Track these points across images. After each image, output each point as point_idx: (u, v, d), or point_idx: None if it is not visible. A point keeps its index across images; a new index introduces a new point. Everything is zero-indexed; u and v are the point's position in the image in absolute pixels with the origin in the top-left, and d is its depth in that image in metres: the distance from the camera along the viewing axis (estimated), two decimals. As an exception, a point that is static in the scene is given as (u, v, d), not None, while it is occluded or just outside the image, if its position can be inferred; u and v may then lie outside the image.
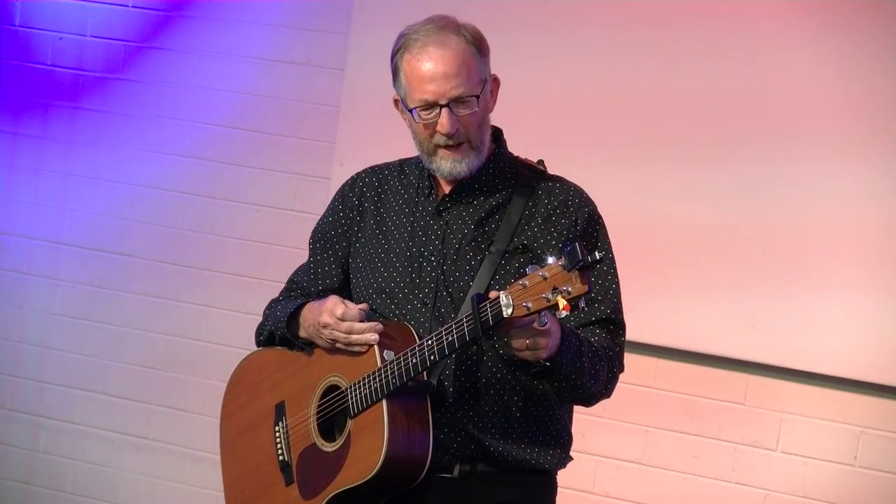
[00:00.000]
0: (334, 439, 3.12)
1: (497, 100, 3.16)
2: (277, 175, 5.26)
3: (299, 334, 3.21)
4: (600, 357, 3.05)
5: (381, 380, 3.01)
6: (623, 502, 4.84)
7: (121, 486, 5.50)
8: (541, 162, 3.22)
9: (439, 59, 3.05)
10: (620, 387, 3.17)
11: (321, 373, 3.16)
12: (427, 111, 3.08)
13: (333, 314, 3.07)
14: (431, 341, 2.95)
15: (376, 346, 3.04)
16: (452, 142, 3.08)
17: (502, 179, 3.17)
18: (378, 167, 3.33)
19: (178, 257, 5.40)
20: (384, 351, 3.02)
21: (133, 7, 5.42)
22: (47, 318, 5.56)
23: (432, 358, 2.95)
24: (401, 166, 3.29)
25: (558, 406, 3.14)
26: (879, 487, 4.59)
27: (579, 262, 2.73)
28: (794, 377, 4.63)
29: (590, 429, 4.65)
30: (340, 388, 3.11)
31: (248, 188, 5.30)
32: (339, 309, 3.07)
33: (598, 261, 2.76)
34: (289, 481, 3.20)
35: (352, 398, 3.06)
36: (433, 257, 3.14)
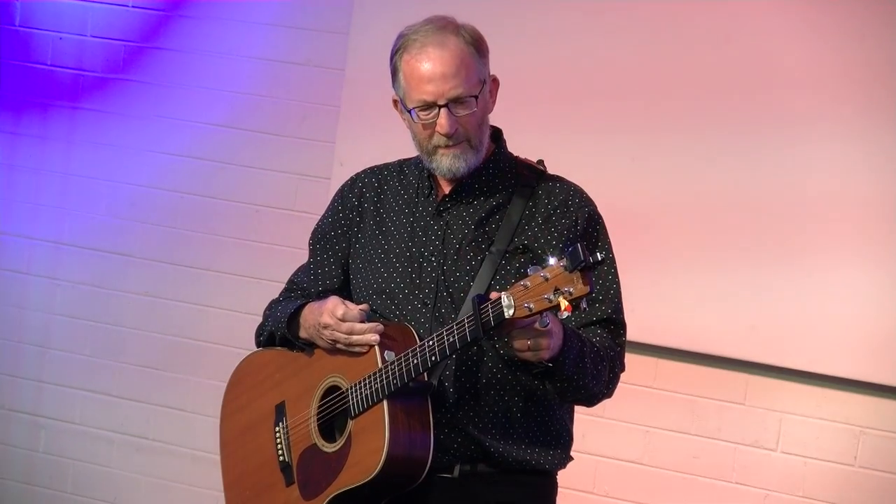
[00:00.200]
0: (335, 440, 3.12)
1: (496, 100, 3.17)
2: (277, 175, 5.26)
3: (300, 335, 3.21)
4: (602, 357, 3.05)
5: (382, 380, 3.01)
6: (623, 502, 4.84)
7: (121, 486, 5.50)
8: (540, 162, 3.23)
9: (438, 60, 3.05)
10: (621, 387, 3.17)
11: (322, 373, 3.16)
12: (426, 111, 3.08)
13: (334, 315, 3.07)
14: (432, 342, 2.95)
15: (377, 347, 3.04)
16: (451, 142, 3.09)
17: (502, 179, 3.17)
18: (377, 167, 3.33)
19: (178, 257, 5.40)
20: (385, 351, 3.02)
21: (133, 7, 5.42)
22: (47, 318, 5.56)
23: (433, 358, 2.95)
24: (400, 167, 3.29)
25: (559, 406, 3.14)
26: (879, 487, 4.59)
27: (581, 262, 2.73)
28: (794, 377, 4.63)
29: (590, 429, 4.65)
30: (341, 389, 3.10)
31: (248, 188, 5.30)
32: (340, 309, 3.07)
33: (599, 262, 2.76)
34: (289, 482, 3.20)
35: (352, 399, 3.06)
36: (433, 257, 3.14)
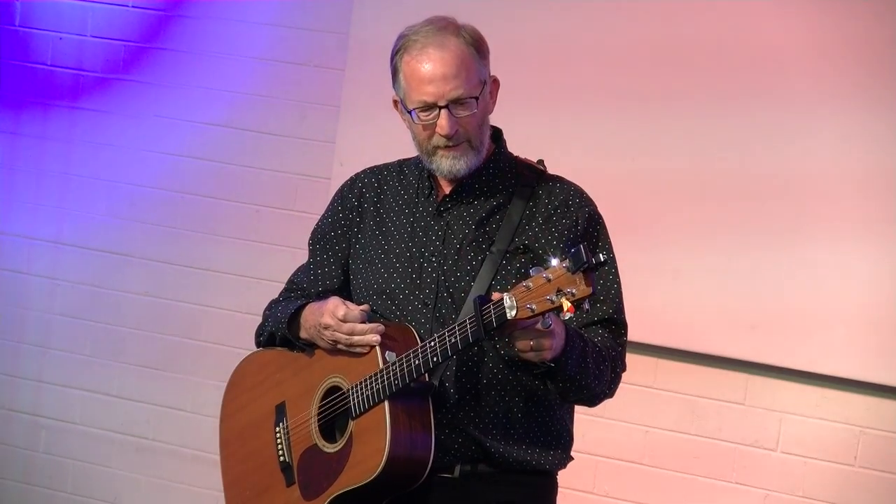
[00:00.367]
0: (335, 440, 3.12)
1: (497, 101, 3.17)
2: (277, 175, 5.26)
3: (300, 335, 3.21)
4: (604, 357, 3.05)
5: (384, 381, 3.01)
6: (623, 502, 4.84)
7: (121, 486, 5.50)
8: (541, 162, 3.23)
9: (438, 61, 3.05)
10: (621, 386, 3.16)
11: (322, 374, 3.16)
12: (426, 112, 3.08)
13: (335, 315, 3.07)
14: (434, 343, 2.95)
15: (378, 348, 3.03)
16: (452, 143, 3.09)
17: (502, 179, 3.17)
18: (377, 168, 3.33)
19: (178, 257, 5.40)
20: (386, 352, 3.02)
21: (133, 7, 5.42)
22: (47, 318, 5.56)
23: (435, 359, 2.95)
24: (400, 167, 3.29)
25: (559, 407, 3.14)
26: (879, 487, 4.59)
27: (584, 264, 2.73)
28: (794, 377, 4.63)
29: (590, 429, 4.65)
30: (342, 390, 3.10)
31: (248, 188, 5.30)
32: (341, 310, 3.07)
33: (602, 263, 2.76)
34: (290, 482, 3.20)
35: (353, 399, 3.06)
36: (434, 258, 3.14)
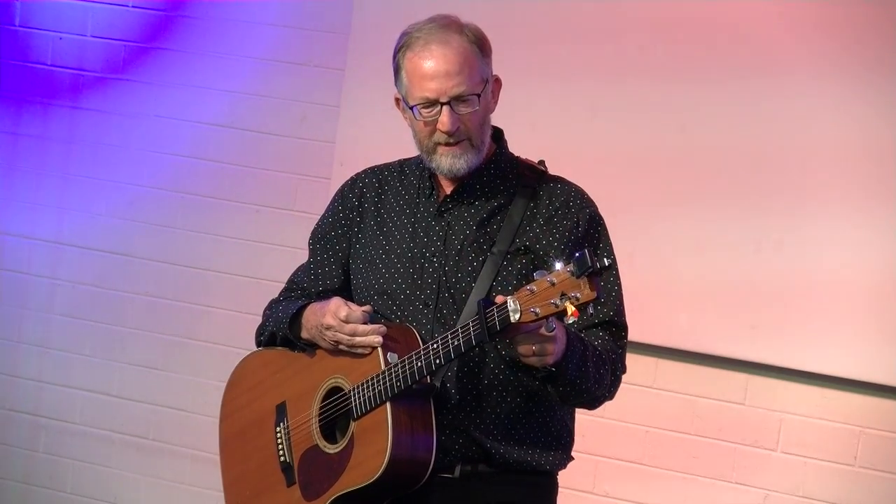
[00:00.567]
0: (336, 441, 3.12)
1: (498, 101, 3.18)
2: (277, 175, 5.26)
3: (301, 335, 3.21)
4: (604, 360, 3.05)
5: (386, 382, 3.00)
6: (623, 502, 4.84)
7: (121, 486, 5.50)
8: (542, 162, 3.22)
9: (441, 58, 3.06)
10: (621, 387, 3.16)
11: (323, 374, 3.16)
12: (428, 109, 3.08)
13: (337, 316, 3.07)
14: (437, 345, 2.95)
15: (380, 349, 3.03)
16: (453, 140, 3.08)
17: (504, 180, 3.17)
18: (378, 167, 3.33)
19: (178, 257, 5.40)
20: (388, 353, 3.02)
21: (133, 7, 5.42)
22: (47, 318, 5.56)
23: (437, 362, 2.95)
24: (401, 167, 3.29)
25: (560, 407, 3.14)
26: (879, 487, 4.59)
27: (588, 268, 2.73)
28: (794, 377, 4.63)
29: (590, 429, 4.64)
30: (343, 390, 3.10)
31: (248, 188, 5.30)
32: (343, 311, 3.06)
33: (607, 267, 2.76)
34: (290, 482, 3.19)
35: (355, 400, 3.06)
36: (435, 258, 3.14)
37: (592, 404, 3.11)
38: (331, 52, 5.15)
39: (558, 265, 2.79)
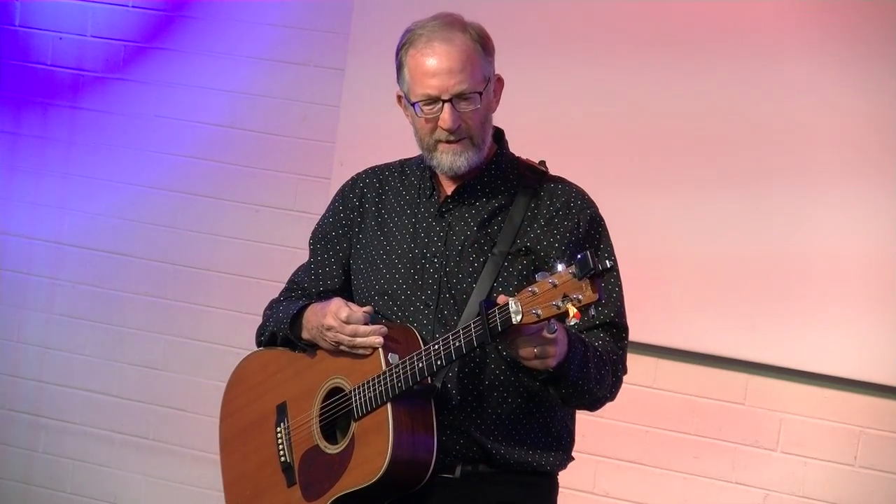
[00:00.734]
0: (336, 441, 3.12)
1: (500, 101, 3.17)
2: (277, 175, 5.26)
3: (302, 336, 3.21)
4: (605, 362, 3.05)
5: (387, 383, 3.00)
6: (623, 502, 4.84)
7: (121, 486, 5.50)
8: (542, 163, 3.22)
9: (444, 55, 3.06)
10: (621, 387, 3.17)
11: (324, 374, 3.16)
12: (430, 106, 3.07)
13: (338, 317, 3.07)
14: (438, 346, 2.95)
15: (381, 350, 3.03)
16: (453, 137, 3.08)
17: (504, 181, 3.17)
18: (379, 168, 3.33)
19: (178, 257, 5.40)
20: (389, 354, 3.02)
21: (133, 7, 5.42)
22: (47, 318, 5.56)
23: (439, 363, 2.95)
24: (402, 167, 3.29)
25: (561, 408, 3.14)
26: (879, 487, 4.59)
27: (591, 270, 2.72)
28: (794, 377, 4.63)
29: (590, 429, 4.63)
30: (344, 391, 3.10)
31: (248, 188, 5.30)
32: (344, 312, 3.06)
33: (609, 269, 2.76)
34: (290, 482, 3.19)
35: (356, 401, 3.06)
36: (435, 259, 3.14)
37: (594, 406, 3.11)
38: (331, 52, 5.15)
39: (560, 267, 2.78)
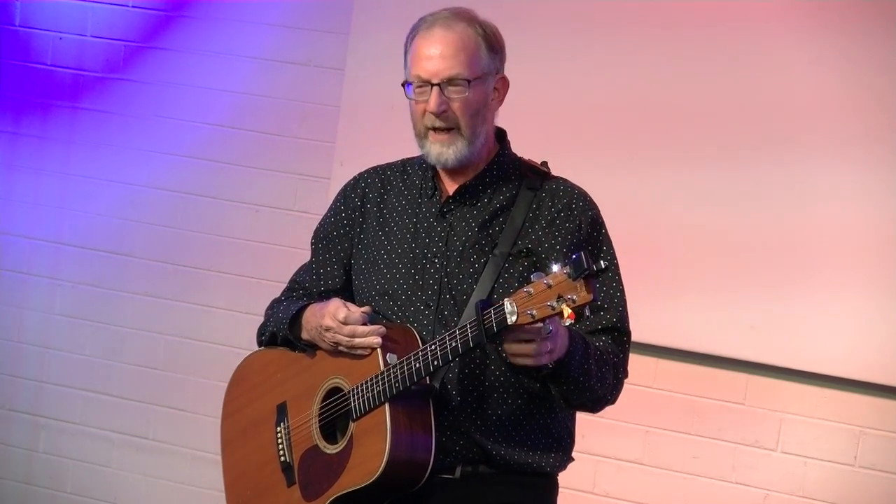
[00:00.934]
0: (336, 441, 3.12)
1: (504, 101, 3.17)
2: (277, 175, 5.26)
3: (301, 336, 3.21)
4: (606, 361, 3.05)
5: (385, 383, 3.00)
6: (623, 502, 4.84)
7: (121, 486, 5.50)
8: (544, 164, 3.22)
9: (441, 40, 3.07)
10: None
11: (323, 375, 3.16)
12: (420, 88, 3.09)
13: (336, 318, 3.07)
14: (435, 346, 2.95)
15: (379, 350, 3.03)
16: (440, 124, 3.08)
17: (506, 181, 3.16)
18: (381, 167, 3.32)
19: (178, 257, 5.40)
20: (387, 354, 3.02)
21: (133, 7, 5.42)
22: (47, 318, 5.56)
23: (435, 363, 2.95)
24: (403, 166, 3.29)
25: (561, 409, 3.13)
26: (879, 487, 4.59)
27: (585, 271, 2.73)
28: (794, 377, 4.63)
29: (590, 429, 4.64)
30: (343, 391, 3.10)
31: (248, 188, 5.30)
32: (342, 312, 3.06)
33: (603, 269, 2.76)
34: (290, 482, 3.20)
35: (354, 401, 3.06)
36: (436, 259, 3.14)
37: (595, 405, 3.11)
38: (331, 52, 5.15)
39: (555, 267, 2.78)
